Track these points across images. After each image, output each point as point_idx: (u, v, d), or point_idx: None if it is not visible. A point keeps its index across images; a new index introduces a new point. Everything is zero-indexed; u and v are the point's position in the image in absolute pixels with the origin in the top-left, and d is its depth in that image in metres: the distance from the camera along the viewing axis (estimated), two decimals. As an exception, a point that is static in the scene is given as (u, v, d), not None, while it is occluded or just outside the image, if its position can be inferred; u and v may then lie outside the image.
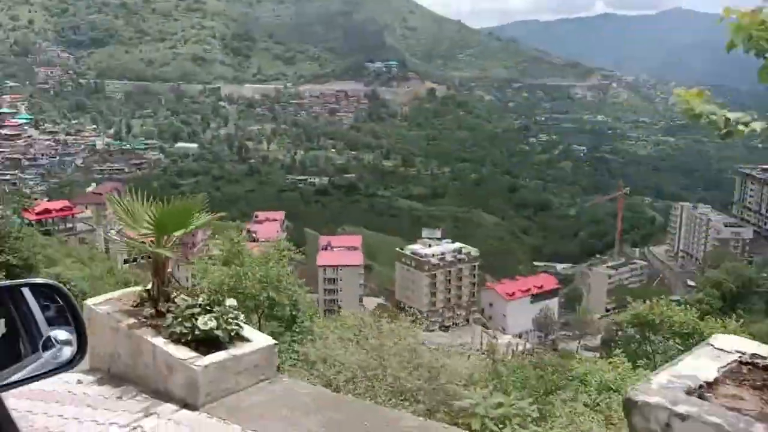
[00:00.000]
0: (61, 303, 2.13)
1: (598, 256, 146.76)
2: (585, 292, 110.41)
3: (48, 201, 70.52)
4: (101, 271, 56.69)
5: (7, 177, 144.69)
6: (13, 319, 2.11)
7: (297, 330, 14.25)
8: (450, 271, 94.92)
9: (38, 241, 53.64)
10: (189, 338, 5.41)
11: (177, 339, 5.45)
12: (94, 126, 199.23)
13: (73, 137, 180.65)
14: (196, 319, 5.43)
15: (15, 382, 1.94)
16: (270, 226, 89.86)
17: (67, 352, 2.06)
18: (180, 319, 5.51)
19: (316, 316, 17.83)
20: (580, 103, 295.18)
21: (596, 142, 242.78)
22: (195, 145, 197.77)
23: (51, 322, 2.11)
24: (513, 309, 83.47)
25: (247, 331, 5.86)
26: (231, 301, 5.80)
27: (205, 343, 5.41)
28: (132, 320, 5.85)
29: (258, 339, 5.78)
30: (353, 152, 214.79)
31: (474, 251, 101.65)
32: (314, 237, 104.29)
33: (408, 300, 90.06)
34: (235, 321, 5.62)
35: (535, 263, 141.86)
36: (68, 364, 2.06)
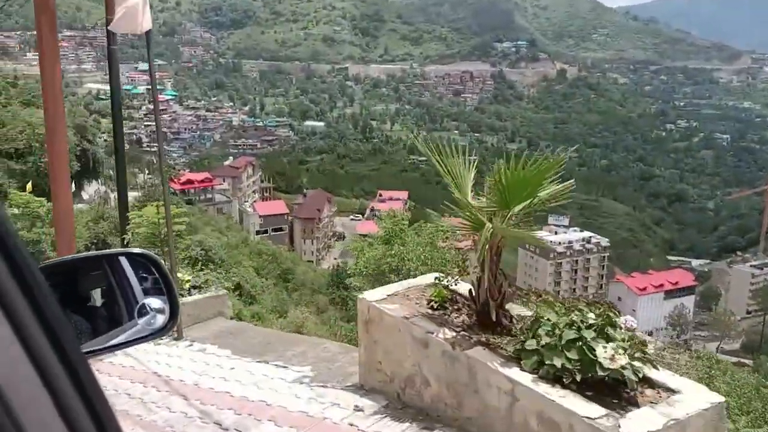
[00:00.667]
0: (155, 272, 2.23)
1: (739, 253, 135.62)
2: (723, 291, 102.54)
3: (190, 172, 75.52)
4: (237, 240, 60.03)
5: (154, 149, 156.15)
6: (111, 286, 2.24)
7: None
8: (577, 261, 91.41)
9: (183, 210, 57.91)
10: (572, 378, 3.56)
11: (553, 377, 3.63)
12: (231, 103, 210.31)
13: (213, 113, 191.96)
14: (590, 348, 3.57)
15: (114, 345, 2.09)
16: (394, 205, 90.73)
17: (160, 319, 2.17)
18: (550, 344, 3.66)
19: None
20: (724, 88, 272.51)
21: (741, 131, 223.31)
22: (322, 124, 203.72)
23: (145, 291, 2.23)
24: (644, 305, 78.76)
25: (662, 374, 3.79)
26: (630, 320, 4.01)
27: (596, 387, 3.58)
28: (449, 333, 4.20)
29: (686, 389, 3.66)
30: (476, 134, 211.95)
31: (604, 241, 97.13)
32: (436, 218, 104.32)
33: (529, 288, 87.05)
34: (643, 355, 3.72)
35: (669, 257, 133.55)
36: (161, 331, 2.17)
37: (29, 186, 46.24)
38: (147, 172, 69.95)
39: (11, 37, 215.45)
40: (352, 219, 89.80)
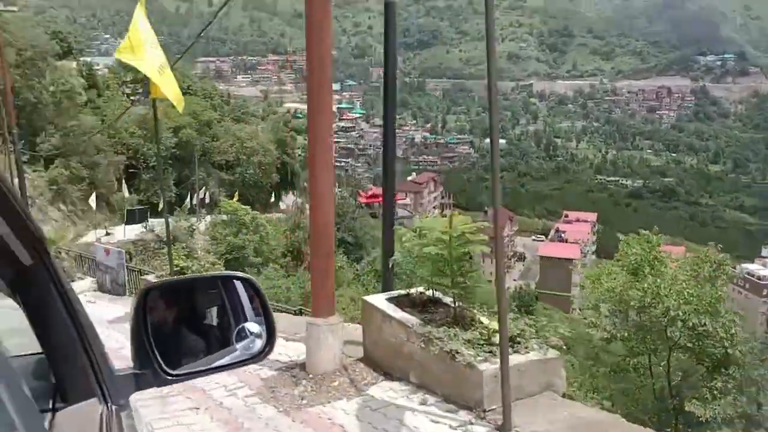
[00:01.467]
0: (255, 296, 2.24)
1: None
2: None
3: (376, 187, 77.71)
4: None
5: (342, 164, 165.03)
6: (224, 307, 2.28)
7: (732, 376, 10.43)
8: None
9: (369, 223, 59.44)
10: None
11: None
12: (414, 121, 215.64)
13: (397, 131, 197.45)
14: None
15: (214, 368, 2.05)
16: (581, 227, 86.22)
17: (258, 344, 2.16)
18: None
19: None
20: None
21: None
22: (503, 141, 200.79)
23: (245, 316, 2.26)
24: None
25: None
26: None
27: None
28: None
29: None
30: (673, 154, 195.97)
31: None
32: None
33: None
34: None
35: None
36: (257, 356, 2.16)
37: (236, 195, 49.93)
38: (337, 185, 73.66)
39: (225, 62, 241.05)
40: (533, 239, 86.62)
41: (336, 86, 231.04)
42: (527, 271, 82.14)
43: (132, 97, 51.94)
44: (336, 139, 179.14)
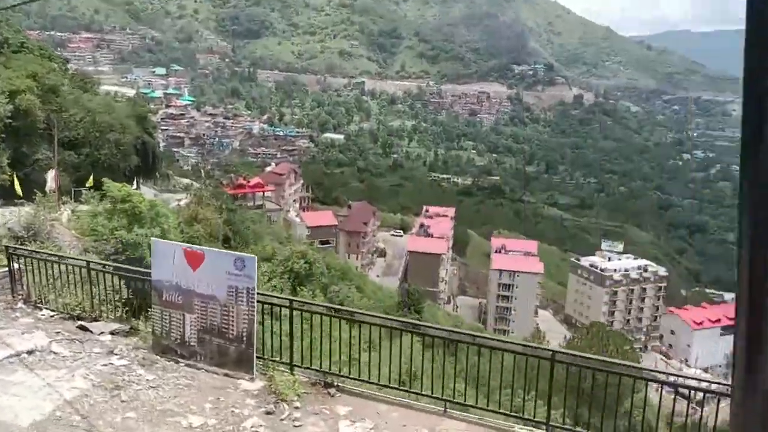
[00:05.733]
0: None
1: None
2: None
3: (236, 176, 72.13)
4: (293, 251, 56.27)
5: (174, 153, 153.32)
6: None
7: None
8: (633, 290, 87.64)
9: (248, 216, 54.07)
10: None
11: None
12: (249, 111, 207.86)
13: (231, 121, 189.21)
14: None
15: None
16: (442, 222, 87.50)
17: None
18: None
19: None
20: (738, 119, 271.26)
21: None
22: (341, 136, 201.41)
23: None
24: (700, 340, 74.89)
25: None
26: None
27: None
28: None
29: None
30: (494, 155, 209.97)
31: (662, 271, 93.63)
32: (475, 238, 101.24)
33: (580, 316, 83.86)
34: None
35: (699, 290, 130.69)
36: None
37: (91, 181, 41.37)
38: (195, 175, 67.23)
39: (30, 36, 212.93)
40: (393, 234, 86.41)
41: (161, 70, 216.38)
42: (389, 268, 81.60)
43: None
44: (164, 127, 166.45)
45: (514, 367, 8.28)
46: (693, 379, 8.07)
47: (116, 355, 7.94)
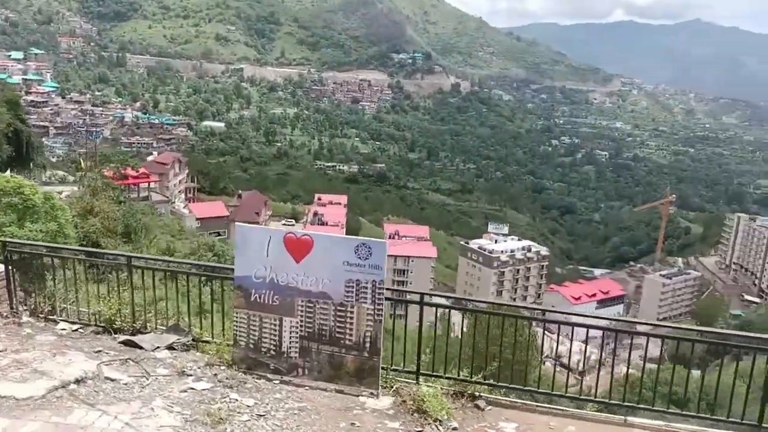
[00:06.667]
0: None
1: (631, 263, 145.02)
2: (633, 301, 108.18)
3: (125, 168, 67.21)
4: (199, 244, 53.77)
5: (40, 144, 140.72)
6: None
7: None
8: (518, 270, 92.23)
9: (138, 208, 50.85)
10: None
11: None
12: (120, 99, 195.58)
13: (100, 109, 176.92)
14: None
15: None
16: (335, 210, 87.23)
17: None
18: None
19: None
20: (599, 108, 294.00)
21: (617, 149, 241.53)
22: (222, 125, 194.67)
23: None
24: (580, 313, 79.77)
25: None
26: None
27: None
28: None
29: None
30: (378, 143, 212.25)
31: (544, 250, 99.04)
32: (366, 225, 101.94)
33: (469, 297, 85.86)
34: None
35: (573, 267, 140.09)
36: None
37: None
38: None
39: None
40: (284, 224, 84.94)
41: (18, 54, 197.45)
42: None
43: None
44: (27, 116, 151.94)
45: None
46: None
47: (190, 375, 6.25)
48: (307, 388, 6.49)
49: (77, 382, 5.73)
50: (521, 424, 6.31)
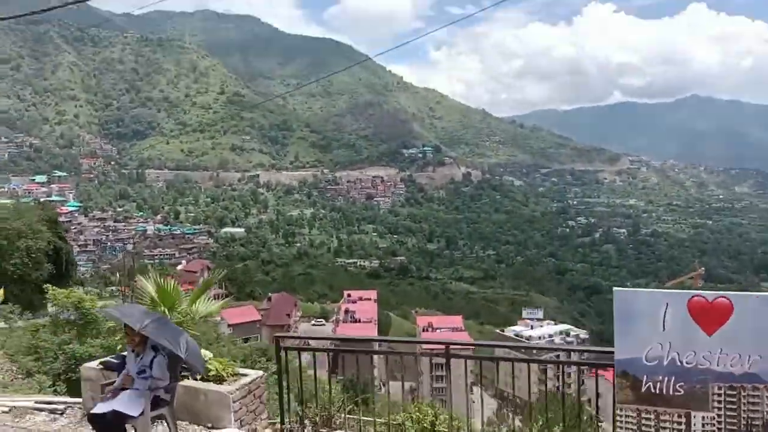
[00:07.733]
0: None
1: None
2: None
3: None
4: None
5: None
6: None
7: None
8: (558, 356, 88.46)
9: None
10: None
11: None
12: (141, 213, 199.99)
13: (122, 224, 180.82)
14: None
15: None
16: (367, 306, 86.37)
17: None
18: None
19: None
20: (609, 187, 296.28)
21: (634, 226, 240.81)
22: (241, 230, 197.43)
23: None
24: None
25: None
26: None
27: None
28: None
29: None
30: (395, 236, 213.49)
31: (583, 334, 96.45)
32: (395, 319, 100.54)
33: (511, 389, 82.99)
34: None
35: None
36: None
37: (1, 294, 37.01)
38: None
39: None
40: (314, 324, 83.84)
41: (42, 178, 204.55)
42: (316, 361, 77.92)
43: None
44: (65, 233, 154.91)
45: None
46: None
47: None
48: None
49: None
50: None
